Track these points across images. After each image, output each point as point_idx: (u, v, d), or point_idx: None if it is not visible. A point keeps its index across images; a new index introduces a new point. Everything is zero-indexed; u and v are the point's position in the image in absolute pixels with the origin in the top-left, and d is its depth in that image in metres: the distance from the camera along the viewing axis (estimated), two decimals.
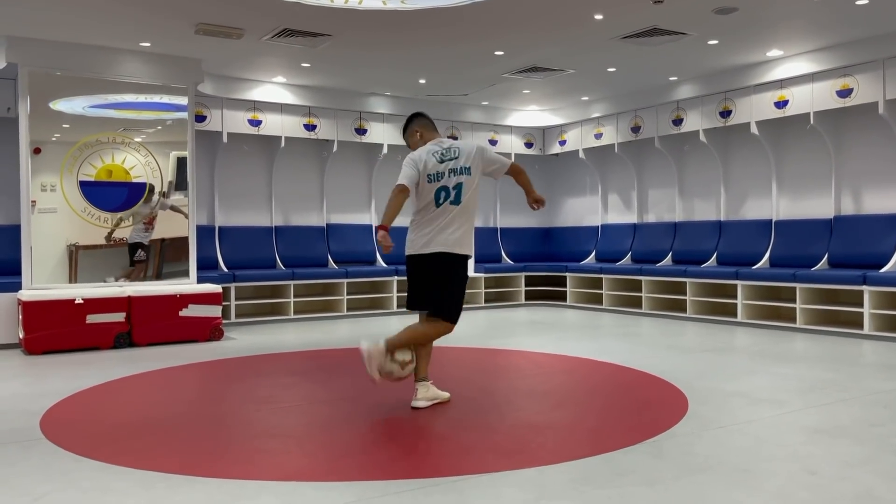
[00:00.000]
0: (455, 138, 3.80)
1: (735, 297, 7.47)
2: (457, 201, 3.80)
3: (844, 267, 6.93)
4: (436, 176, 3.81)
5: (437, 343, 3.99)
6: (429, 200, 3.82)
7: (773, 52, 7.10)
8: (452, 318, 3.79)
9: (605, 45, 6.72)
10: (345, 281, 8.41)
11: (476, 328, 7.22)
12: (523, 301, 9.70)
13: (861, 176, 7.23)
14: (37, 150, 6.35)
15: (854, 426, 3.47)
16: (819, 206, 7.54)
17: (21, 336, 5.97)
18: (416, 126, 4.13)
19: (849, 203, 7.32)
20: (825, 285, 6.68)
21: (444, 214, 3.79)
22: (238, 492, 2.62)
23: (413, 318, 4.01)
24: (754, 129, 7.71)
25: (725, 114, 7.97)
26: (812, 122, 7.20)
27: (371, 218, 9.37)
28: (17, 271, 6.40)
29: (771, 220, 7.86)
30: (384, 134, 9.09)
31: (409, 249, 3.88)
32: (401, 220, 3.76)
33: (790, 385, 4.43)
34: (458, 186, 3.81)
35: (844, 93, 6.88)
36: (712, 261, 8.15)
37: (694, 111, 8.32)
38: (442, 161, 3.84)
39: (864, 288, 6.36)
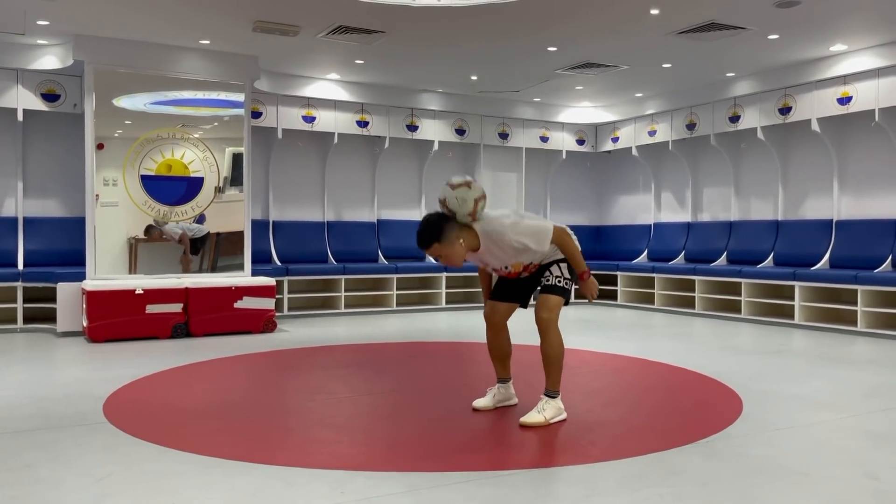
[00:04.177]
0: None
1: (792, 298, 7.27)
2: None
3: None
4: None
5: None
6: None
7: (837, 47, 6.88)
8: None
9: (660, 40, 6.61)
10: (395, 276, 8.47)
11: (525, 325, 7.18)
12: (573, 299, 9.58)
13: None
14: (100, 146, 6.57)
15: None
16: (884, 206, 7.27)
17: (85, 324, 6.19)
18: (456, 230, 3.32)
19: None
20: (888, 288, 6.46)
21: None
22: (291, 479, 2.67)
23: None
24: (815, 127, 7.48)
25: (785, 110, 7.76)
26: (877, 119, 6.95)
27: (421, 214, 9.37)
28: (81, 262, 6.63)
29: (832, 219, 7.62)
30: (435, 131, 9.12)
31: None
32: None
33: (851, 389, 4.30)
34: None
35: None
36: (769, 261, 7.96)
37: (752, 108, 8.12)
38: None
39: None
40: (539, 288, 3.52)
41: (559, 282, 3.46)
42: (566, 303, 3.53)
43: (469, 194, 3.35)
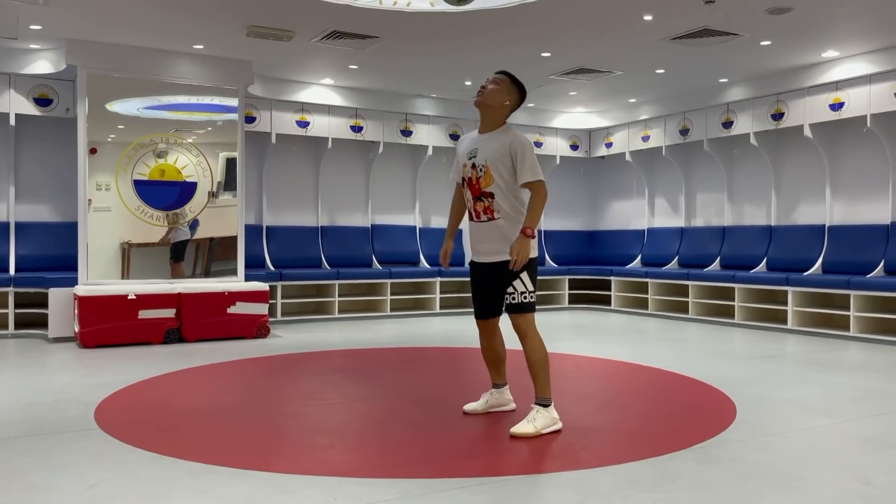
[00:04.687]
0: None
1: (785, 303, 7.29)
2: None
3: None
4: None
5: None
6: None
7: (829, 53, 6.91)
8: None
9: (653, 46, 6.64)
10: (388, 281, 8.46)
11: None
12: (567, 304, 9.62)
13: None
14: (93, 151, 6.54)
15: None
16: (876, 212, 7.31)
17: (77, 330, 6.15)
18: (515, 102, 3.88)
19: None
20: (880, 293, 6.48)
21: None
22: (284, 485, 2.66)
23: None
24: (808, 132, 7.52)
25: (777, 116, 7.80)
26: (869, 124, 6.99)
27: (415, 219, 9.41)
28: (73, 267, 6.60)
29: (824, 225, 7.65)
30: (429, 136, 9.13)
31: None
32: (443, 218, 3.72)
33: (844, 394, 4.31)
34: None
35: None
36: (762, 266, 7.98)
37: (744, 113, 8.16)
38: None
39: None
40: (506, 308, 3.53)
41: (525, 298, 3.48)
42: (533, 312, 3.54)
43: None
